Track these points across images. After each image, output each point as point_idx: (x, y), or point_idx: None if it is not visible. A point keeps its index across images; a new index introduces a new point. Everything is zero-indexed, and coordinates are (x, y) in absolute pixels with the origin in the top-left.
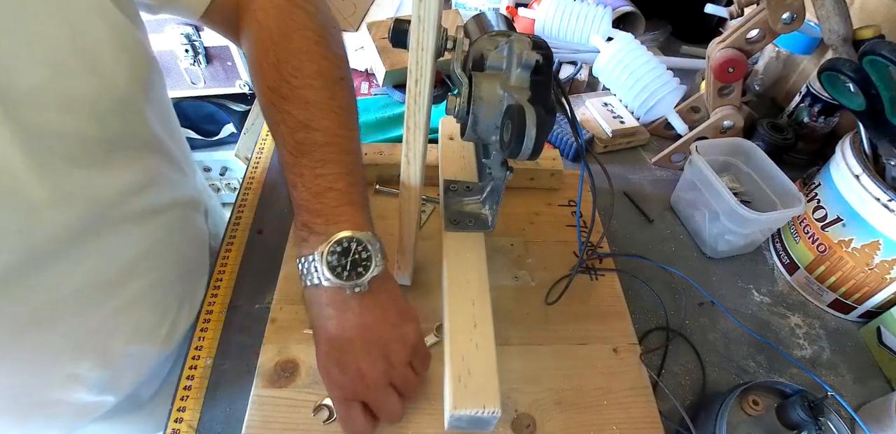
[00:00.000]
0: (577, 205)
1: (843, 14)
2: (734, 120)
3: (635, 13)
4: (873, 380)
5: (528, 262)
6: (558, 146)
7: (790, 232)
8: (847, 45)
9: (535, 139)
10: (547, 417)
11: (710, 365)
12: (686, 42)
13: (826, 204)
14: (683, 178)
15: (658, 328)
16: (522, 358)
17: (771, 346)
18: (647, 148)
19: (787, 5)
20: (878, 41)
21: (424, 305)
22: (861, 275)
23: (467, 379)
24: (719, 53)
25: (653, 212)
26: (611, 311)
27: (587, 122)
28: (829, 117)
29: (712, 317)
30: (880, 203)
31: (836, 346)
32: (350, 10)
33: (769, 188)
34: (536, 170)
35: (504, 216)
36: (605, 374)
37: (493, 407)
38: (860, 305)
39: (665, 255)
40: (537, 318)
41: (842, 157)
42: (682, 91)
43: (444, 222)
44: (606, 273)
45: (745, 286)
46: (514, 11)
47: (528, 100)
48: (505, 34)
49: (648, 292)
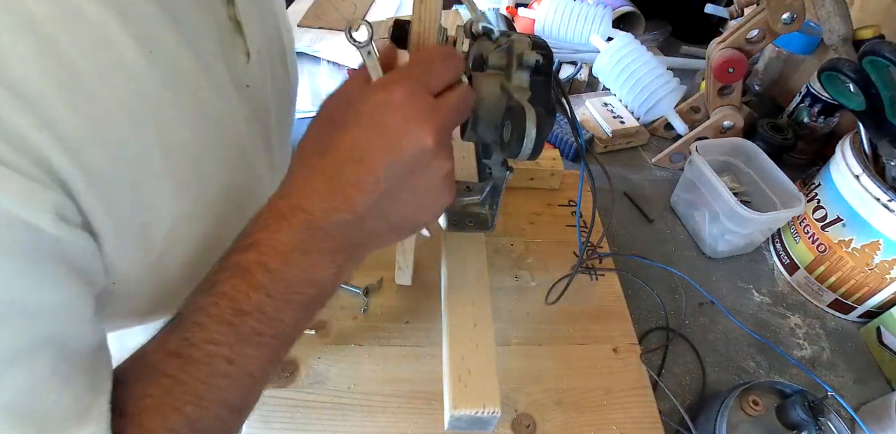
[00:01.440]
0: (577, 205)
1: (843, 14)
2: (734, 120)
3: (635, 13)
4: (873, 380)
5: (528, 262)
6: (558, 146)
7: (790, 232)
8: (847, 45)
9: (536, 139)
10: (547, 417)
11: (710, 365)
12: (686, 42)
13: (826, 204)
14: (683, 178)
15: (658, 328)
16: (522, 358)
17: (771, 346)
18: (647, 148)
19: (787, 5)
20: (878, 41)
21: (425, 305)
22: (861, 275)
23: (467, 379)
24: (719, 53)
25: (653, 212)
26: (611, 311)
27: (587, 122)
28: (829, 117)
29: (712, 317)
30: (880, 203)
31: (836, 347)
32: (350, 10)
33: (769, 188)
34: (536, 170)
35: (504, 216)
36: (605, 374)
37: (494, 407)
38: (860, 305)
39: (665, 255)
40: (537, 318)
41: (842, 157)
42: (682, 91)
43: (444, 222)
44: (606, 273)
45: (745, 286)
46: (514, 11)
47: (529, 100)
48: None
49: (648, 292)
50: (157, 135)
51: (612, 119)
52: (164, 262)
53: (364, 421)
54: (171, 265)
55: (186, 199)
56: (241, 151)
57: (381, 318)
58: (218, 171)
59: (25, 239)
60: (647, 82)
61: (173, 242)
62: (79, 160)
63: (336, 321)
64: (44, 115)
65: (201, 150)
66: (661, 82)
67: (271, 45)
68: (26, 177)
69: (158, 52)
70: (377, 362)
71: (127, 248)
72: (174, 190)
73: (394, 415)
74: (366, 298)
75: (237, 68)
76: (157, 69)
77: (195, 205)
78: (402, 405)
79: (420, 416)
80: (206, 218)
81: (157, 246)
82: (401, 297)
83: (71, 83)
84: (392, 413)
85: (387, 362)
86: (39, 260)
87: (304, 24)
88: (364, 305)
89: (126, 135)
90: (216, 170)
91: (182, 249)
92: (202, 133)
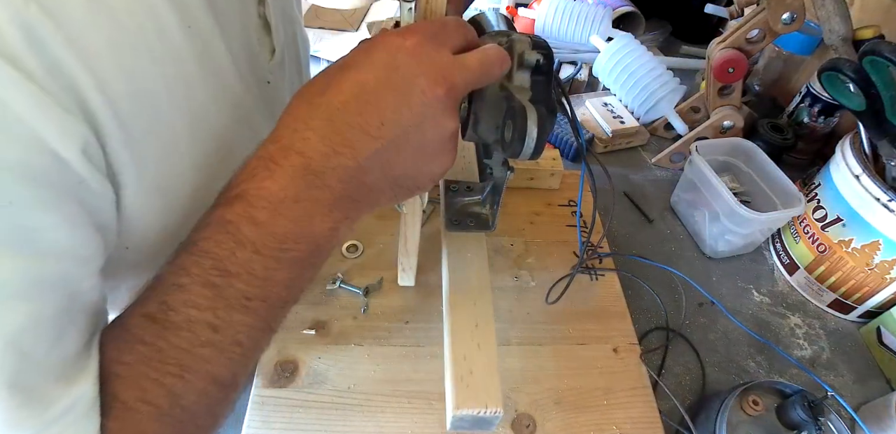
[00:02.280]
0: (577, 205)
1: (843, 14)
2: (734, 120)
3: (635, 13)
4: (873, 380)
5: (528, 262)
6: (558, 146)
7: (790, 232)
8: (847, 45)
9: (537, 139)
10: (547, 417)
11: (710, 365)
12: (686, 42)
13: (826, 204)
14: (683, 178)
15: (658, 328)
16: (522, 358)
17: (771, 346)
18: (647, 148)
19: (787, 5)
20: (878, 41)
21: (426, 305)
22: (861, 275)
23: (469, 379)
24: (719, 53)
25: (653, 212)
26: (611, 311)
27: (587, 122)
28: (829, 117)
29: (712, 317)
30: (880, 203)
31: (836, 346)
32: (350, 9)
33: (769, 188)
34: (536, 170)
35: (504, 216)
36: (605, 374)
37: (496, 407)
38: (860, 305)
39: (665, 255)
40: (537, 318)
41: (842, 157)
42: (682, 91)
43: (445, 222)
44: (606, 273)
45: (745, 286)
46: (514, 11)
47: (530, 100)
48: (505, 34)
49: (648, 292)
50: (186, 103)
51: (612, 119)
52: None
53: (364, 421)
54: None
55: (207, 175)
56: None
57: (381, 318)
58: (236, 153)
59: (52, 170)
60: (647, 82)
61: (189, 215)
62: (111, 102)
63: (336, 321)
64: (87, 55)
65: (223, 131)
66: (661, 82)
67: (290, 47)
68: (61, 107)
69: (196, 30)
70: (377, 362)
71: (146, 210)
72: (195, 163)
73: (394, 415)
74: (366, 298)
75: (261, 64)
76: (192, 45)
77: (213, 180)
78: (402, 405)
79: (420, 416)
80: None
81: (175, 217)
82: (401, 297)
83: (115, 31)
84: (392, 413)
85: (387, 362)
86: (61, 196)
87: (303, 24)
88: (364, 305)
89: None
90: (235, 151)
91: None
92: (225, 115)
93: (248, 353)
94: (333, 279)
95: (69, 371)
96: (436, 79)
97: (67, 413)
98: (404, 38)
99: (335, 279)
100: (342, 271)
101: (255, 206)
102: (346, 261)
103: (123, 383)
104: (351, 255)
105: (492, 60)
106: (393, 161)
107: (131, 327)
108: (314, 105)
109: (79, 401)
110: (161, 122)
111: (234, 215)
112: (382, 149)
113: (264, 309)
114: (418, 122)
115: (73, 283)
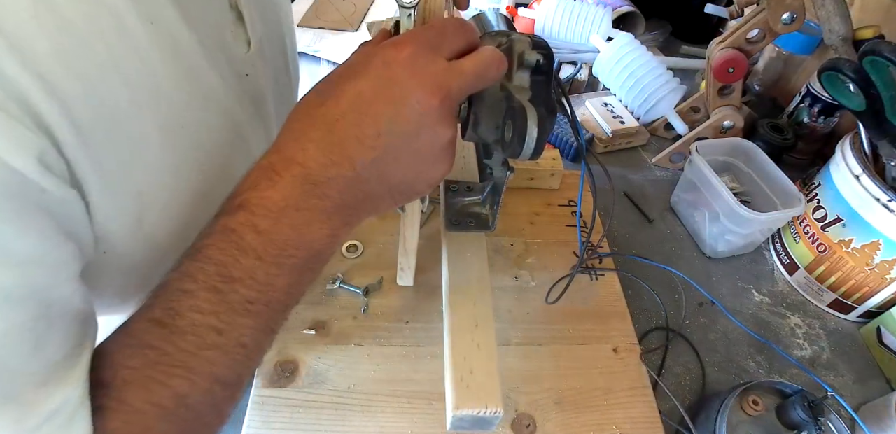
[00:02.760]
0: (577, 205)
1: (843, 14)
2: (734, 120)
3: (635, 13)
4: (873, 380)
5: (528, 262)
6: (558, 146)
7: (790, 232)
8: (847, 45)
9: (537, 139)
10: (547, 417)
11: (710, 365)
12: (686, 42)
13: (826, 204)
14: (683, 178)
15: (658, 328)
16: (522, 358)
17: (771, 346)
18: (647, 148)
19: (787, 5)
20: (878, 41)
21: (426, 305)
22: (861, 275)
23: (469, 379)
24: (719, 53)
25: (653, 212)
26: (611, 311)
27: (587, 122)
28: (829, 117)
29: (712, 317)
30: (880, 203)
31: (836, 346)
32: (350, 10)
33: (769, 188)
34: (536, 170)
35: (504, 216)
36: (605, 374)
37: (496, 407)
38: (860, 305)
39: (665, 255)
40: (537, 318)
41: (842, 157)
42: (682, 91)
43: (445, 222)
44: (606, 273)
45: (745, 286)
46: (514, 11)
47: (530, 100)
48: (505, 34)
49: (648, 292)
50: (154, 104)
51: (612, 119)
52: (158, 238)
53: (364, 421)
54: (165, 241)
55: (184, 174)
56: (239, 135)
57: (381, 318)
58: (216, 151)
59: (9, 181)
60: (647, 82)
61: (168, 217)
62: (65, 108)
63: (336, 321)
64: (33, 62)
65: (200, 129)
66: (661, 82)
67: (272, 38)
68: (10, 117)
69: (160, 25)
70: (377, 362)
71: (119, 215)
72: (171, 163)
73: (394, 415)
74: (366, 298)
75: (238, 56)
76: (157, 41)
77: (191, 180)
78: (402, 405)
79: (420, 416)
80: (203, 196)
81: (150, 218)
82: (401, 297)
83: (64, 36)
84: (392, 413)
85: (387, 362)
86: (23, 207)
87: (303, 24)
88: (364, 305)
89: (119, 96)
90: (214, 149)
91: (175, 225)
92: (201, 112)
93: (252, 354)
94: (333, 279)
95: (53, 377)
96: (431, 89)
97: (53, 418)
98: (399, 50)
99: (335, 279)
100: (342, 271)
101: (257, 215)
102: (346, 261)
103: (131, 388)
104: (351, 255)
105: (487, 64)
106: (391, 169)
107: (138, 332)
108: (313, 116)
109: (64, 405)
110: (125, 124)
111: (237, 224)
112: (379, 158)
113: (266, 312)
114: (415, 132)
115: (46, 290)
